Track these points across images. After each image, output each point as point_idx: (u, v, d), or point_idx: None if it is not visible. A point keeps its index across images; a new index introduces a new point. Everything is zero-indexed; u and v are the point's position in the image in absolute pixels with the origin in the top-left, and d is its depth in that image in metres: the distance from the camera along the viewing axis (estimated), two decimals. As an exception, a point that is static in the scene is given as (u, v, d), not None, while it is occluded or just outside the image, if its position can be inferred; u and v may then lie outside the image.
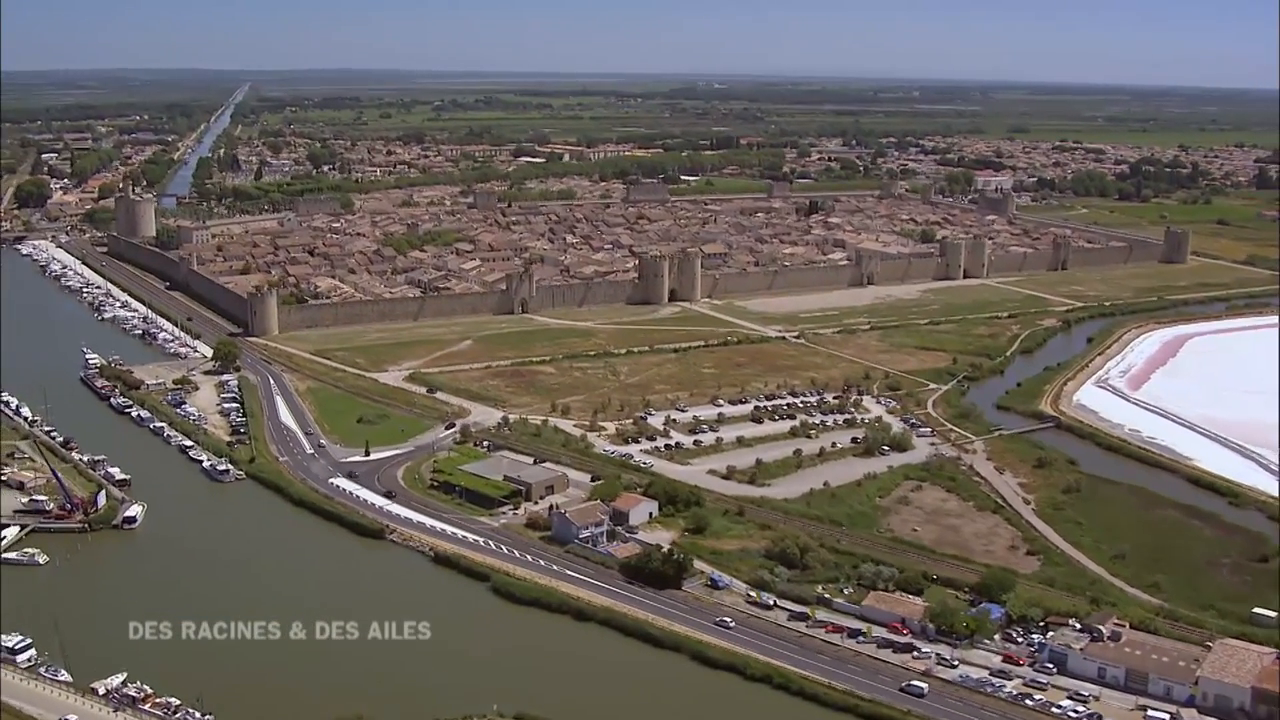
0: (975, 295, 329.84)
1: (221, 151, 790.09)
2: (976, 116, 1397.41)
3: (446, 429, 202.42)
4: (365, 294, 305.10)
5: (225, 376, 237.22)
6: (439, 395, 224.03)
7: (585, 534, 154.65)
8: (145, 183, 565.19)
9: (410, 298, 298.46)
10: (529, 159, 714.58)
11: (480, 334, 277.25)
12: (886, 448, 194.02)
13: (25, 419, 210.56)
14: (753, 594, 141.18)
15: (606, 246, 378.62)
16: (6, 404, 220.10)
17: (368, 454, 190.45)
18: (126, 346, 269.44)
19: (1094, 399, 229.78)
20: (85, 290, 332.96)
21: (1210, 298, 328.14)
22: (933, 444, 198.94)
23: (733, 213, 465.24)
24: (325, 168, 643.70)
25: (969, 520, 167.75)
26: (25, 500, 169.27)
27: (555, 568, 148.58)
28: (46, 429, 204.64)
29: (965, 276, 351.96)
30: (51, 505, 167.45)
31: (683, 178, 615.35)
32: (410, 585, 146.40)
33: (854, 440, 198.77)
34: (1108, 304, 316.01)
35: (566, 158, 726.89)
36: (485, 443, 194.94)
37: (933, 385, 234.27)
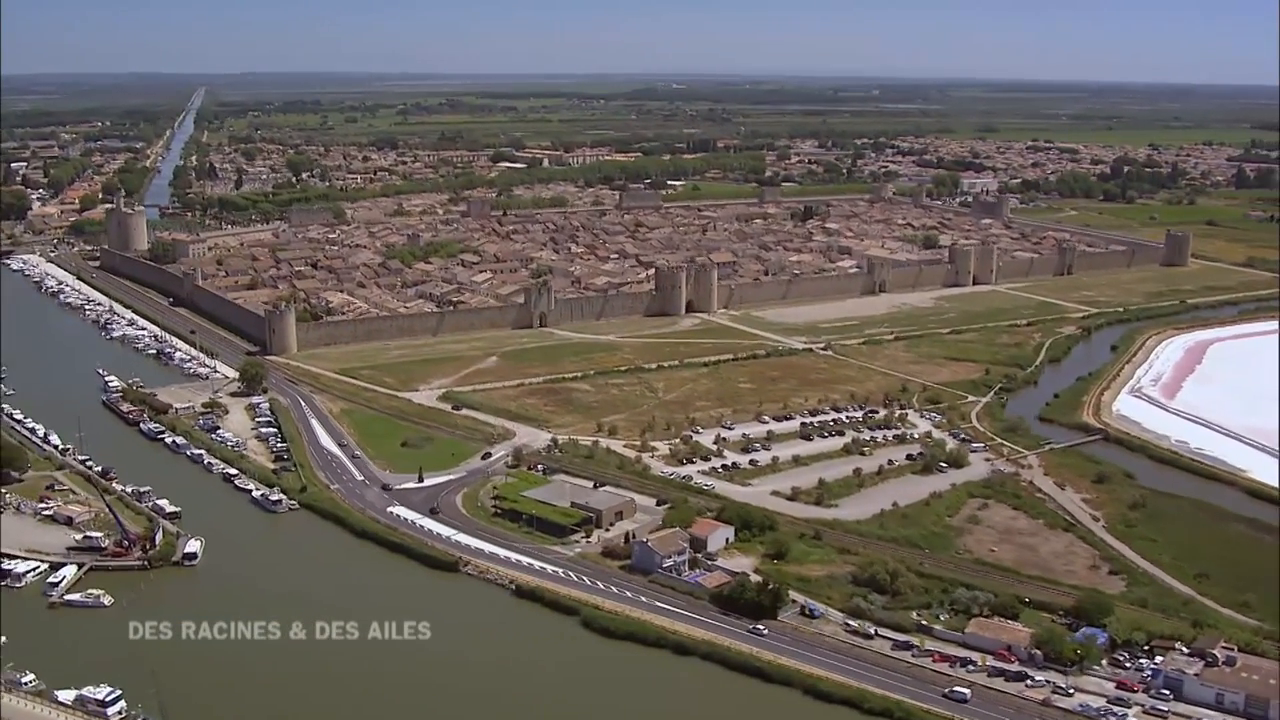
0: (989, 302, 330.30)
1: (194, 159, 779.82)
2: (943, 116, 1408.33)
3: (482, 458, 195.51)
4: (380, 309, 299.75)
5: (255, 399, 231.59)
6: (478, 415, 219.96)
7: (668, 563, 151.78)
8: (125, 193, 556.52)
9: (429, 313, 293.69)
10: (509, 164, 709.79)
11: (503, 349, 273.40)
12: (944, 465, 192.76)
13: (56, 447, 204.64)
14: (852, 623, 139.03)
15: (613, 256, 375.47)
16: (32, 431, 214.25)
17: (421, 480, 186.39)
18: (142, 367, 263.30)
19: (1132, 409, 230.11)
20: (87, 307, 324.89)
21: (1221, 301, 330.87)
22: (987, 459, 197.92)
23: (728, 219, 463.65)
24: (305, 175, 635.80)
25: (1043, 539, 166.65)
26: (78, 537, 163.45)
27: (643, 599, 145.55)
28: (81, 458, 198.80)
29: (974, 283, 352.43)
30: (107, 542, 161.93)
31: (669, 182, 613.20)
32: (498, 622, 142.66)
33: (909, 457, 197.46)
34: (1122, 310, 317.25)
35: (546, 162, 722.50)
36: (540, 466, 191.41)
37: (971, 398, 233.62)
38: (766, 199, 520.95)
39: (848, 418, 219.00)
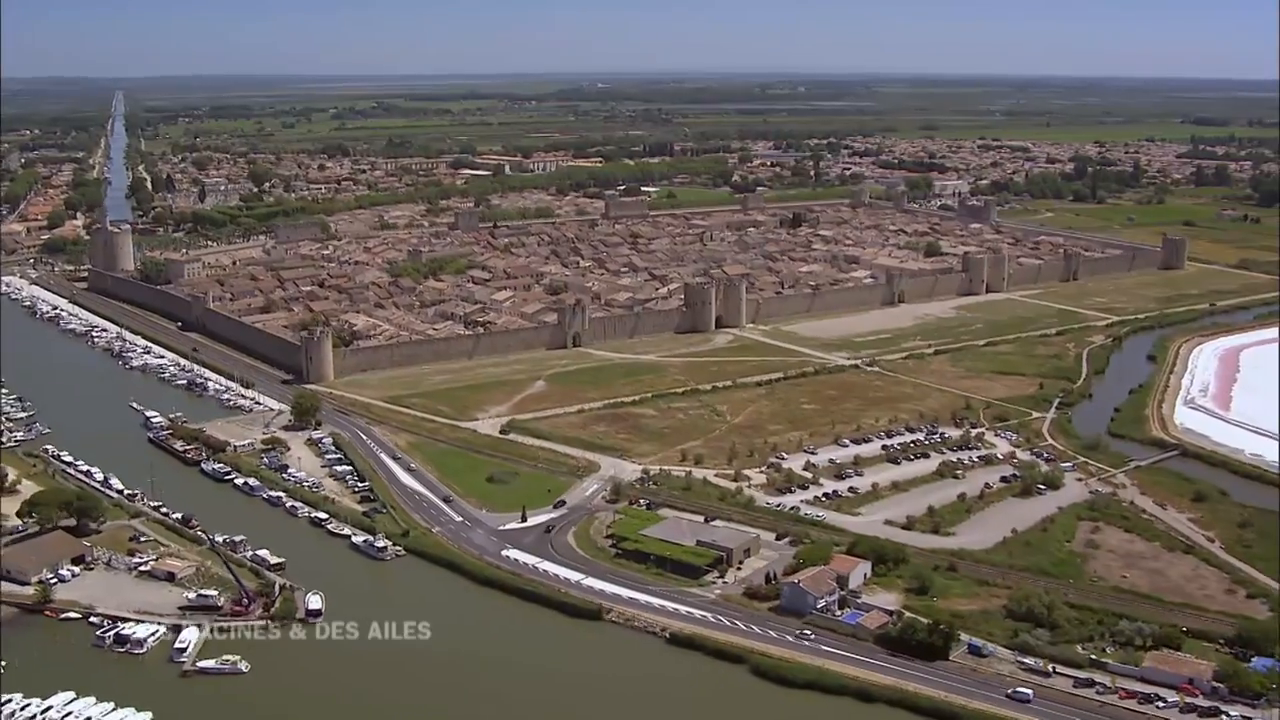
0: (1009, 311, 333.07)
1: (141, 168, 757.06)
2: (880, 113, 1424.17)
3: (554, 506, 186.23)
4: (408, 332, 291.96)
5: (314, 433, 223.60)
6: (553, 446, 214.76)
7: (821, 604, 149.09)
8: (86, 207, 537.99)
9: (464, 335, 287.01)
10: (471, 171, 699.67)
11: (547, 372, 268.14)
12: (1042, 487, 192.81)
13: (121, 493, 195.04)
14: (1026, 660, 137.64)
15: (623, 270, 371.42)
16: (87, 474, 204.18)
17: (524, 519, 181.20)
18: (175, 400, 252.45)
19: (1194, 421, 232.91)
20: (94, 335, 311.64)
21: (1234, 306, 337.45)
22: (1079, 479, 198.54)
23: (719, 227, 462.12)
24: (267, 186, 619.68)
25: (1167, 563, 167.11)
26: (190, 595, 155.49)
27: (806, 644, 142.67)
28: (153, 504, 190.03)
29: (987, 291, 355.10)
30: (222, 600, 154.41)
31: (643, 189, 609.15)
32: (664, 675, 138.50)
33: (1004, 479, 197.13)
34: (1143, 317, 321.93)
35: (508, 169, 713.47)
36: (642, 500, 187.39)
37: (1035, 413, 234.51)
38: (750, 206, 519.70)
39: (926, 439, 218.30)
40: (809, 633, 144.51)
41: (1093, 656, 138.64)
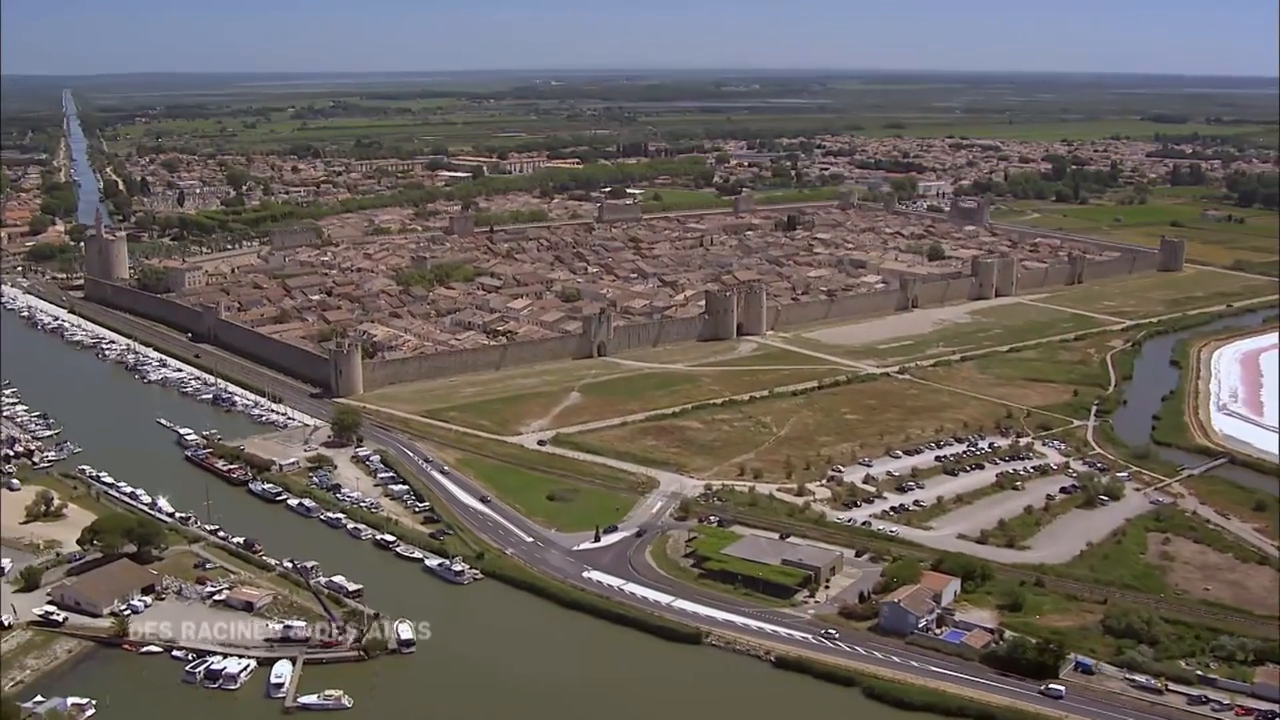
0: (1023, 316, 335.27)
1: (109, 170, 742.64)
2: (841, 111, 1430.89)
3: (606, 532, 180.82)
4: (430, 343, 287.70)
5: (360, 451, 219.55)
6: (606, 461, 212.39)
7: (922, 623, 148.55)
8: (64, 211, 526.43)
9: (491, 346, 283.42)
10: (449, 173, 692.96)
11: (580, 383, 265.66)
12: (1104, 498, 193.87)
13: (172, 516, 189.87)
14: (1136, 678, 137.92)
15: (632, 276, 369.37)
16: (132, 496, 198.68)
17: (598, 539, 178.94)
18: (203, 416, 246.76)
19: (1231, 427, 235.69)
20: (103, 347, 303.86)
21: (1242, 308, 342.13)
22: (1136, 489, 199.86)
23: (716, 231, 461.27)
24: (244, 189, 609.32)
25: (1245, 574, 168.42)
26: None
27: (914, 664, 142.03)
28: (210, 527, 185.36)
29: (996, 295, 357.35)
30: (311, 631, 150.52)
31: (628, 190, 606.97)
32: (778, 700, 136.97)
33: (1064, 490, 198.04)
34: (1155, 320, 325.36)
35: (487, 171, 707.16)
36: (712, 518, 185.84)
37: (1076, 421, 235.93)
38: (742, 208, 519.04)
39: (976, 449, 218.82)
40: (915, 653, 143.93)
41: (1199, 672, 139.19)
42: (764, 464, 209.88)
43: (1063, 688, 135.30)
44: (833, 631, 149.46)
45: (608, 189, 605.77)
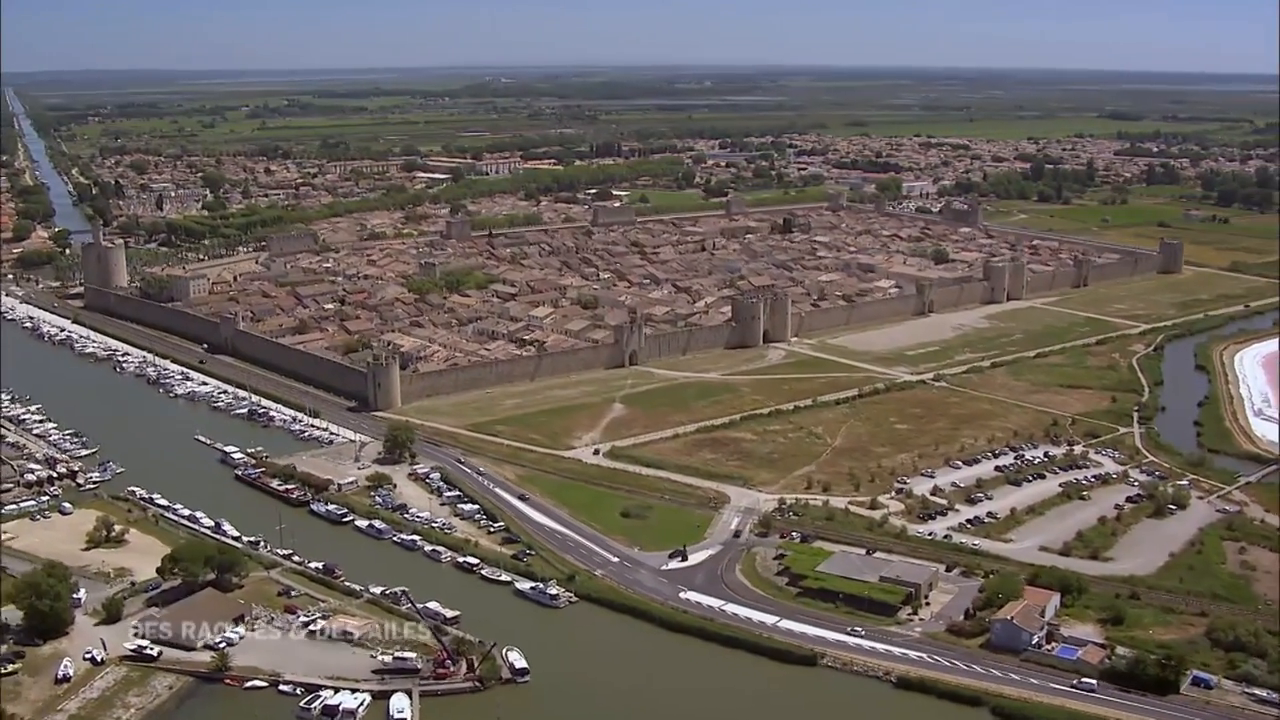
0: (1039, 320, 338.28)
1: (76, 171, 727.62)
2: (802, 109, 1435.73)
3: (671, 557, 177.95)
4: (462, 353, 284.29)
5: (417, 468, 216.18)
6: (670, 475, 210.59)
7: (1035, 639, 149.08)
8: (42, 216, 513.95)
9: (525, 356, 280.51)
10: (427, 174, 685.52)
11: (619, 394, 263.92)
12: (1173, 507, 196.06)
13: (238, 539, 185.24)
14: (1256, 691, 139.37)
15: (645, 282, 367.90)
16: (192, 519, 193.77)
17: (685, 558, 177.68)
18: (240, 432, 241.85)
19: (1271, 432, 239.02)
20: (118, 360, 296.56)
21: (1251, 311, 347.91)
22: (1199, 497, 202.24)
23: (714, 234, 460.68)
24: (222, 191, 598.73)
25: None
26: (386, 658, 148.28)
27: (1034, 681, 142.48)
28: (282, 552, 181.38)
29: (1008, 299, 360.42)
30: (420, 662, 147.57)
31: (614, 192, 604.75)
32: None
33: (1130, 499, 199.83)
34: (1170, 324, 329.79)
35: (463, 173, 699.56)
36: (794, 534, 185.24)
37: (1121, 429, 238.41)
38: (734, 211, 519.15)
39: (1031, 458, 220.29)
40: (1033, 670, 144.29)
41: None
42: (828, 476, 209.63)
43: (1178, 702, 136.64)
44: (946, 649, 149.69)
45: (593, 191, 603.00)
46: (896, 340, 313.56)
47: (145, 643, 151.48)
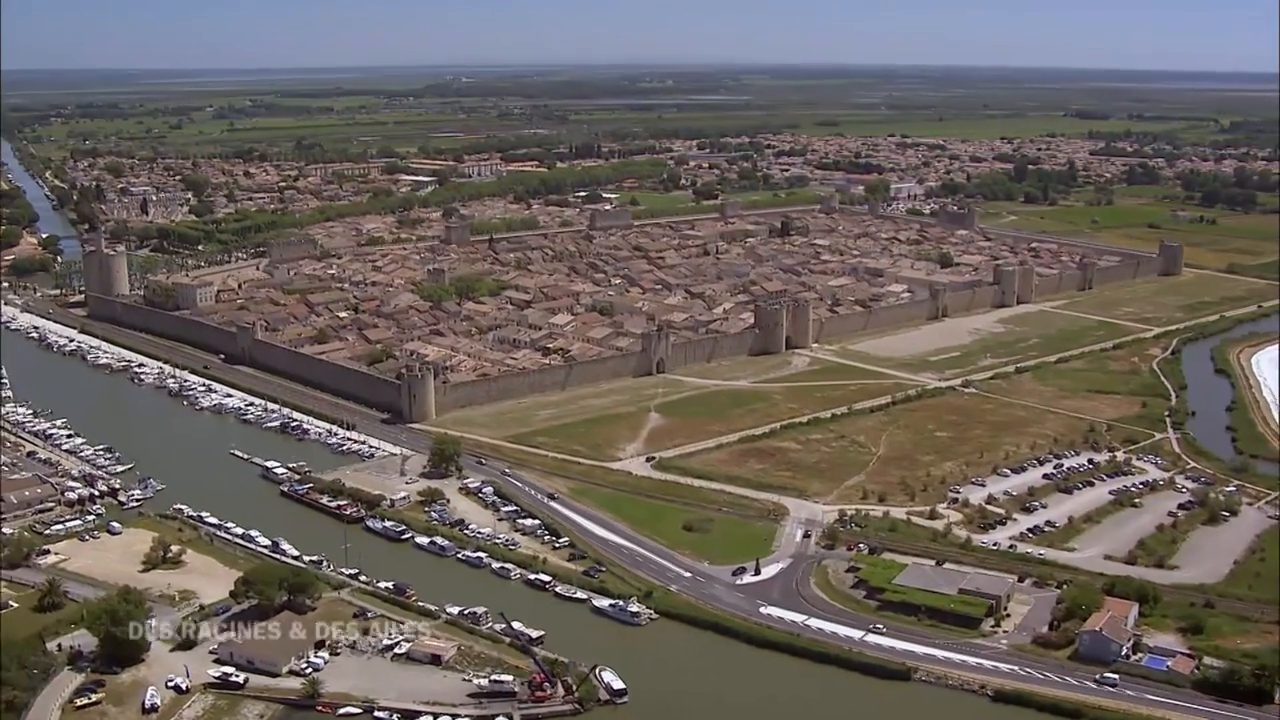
0: (1052, 324, 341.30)
1: (49, 175, 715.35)
2: (770, 109, 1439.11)
3: (736, 574, 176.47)
4: (489, 363, 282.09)
5: (468, 482, 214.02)
6: (723, 487, 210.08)
7: (1124, 650, 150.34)
8: (26, 222, 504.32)
9: (555, 366, 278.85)
10: (410, 177, 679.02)
11: (653, 403, 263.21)
12: (1226, 513, 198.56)
13: (299, 559, 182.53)
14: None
15: (658, 288, 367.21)
16: (245, 537, 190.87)
17: (758, 572, 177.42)
18: (274, 445, 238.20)
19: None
20: (135, 371, 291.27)
21: (1258, 313, 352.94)
22: (1248, 503, 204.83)
23: (713, 238, 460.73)
24: (205, 195, 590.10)
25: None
26: (483, 681, 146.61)
27: (1129, 693, 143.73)
28: (347, 571, 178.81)
29: (1018, 303, 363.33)
30: (517, 685, 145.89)
31: (604, 195, 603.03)
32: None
33: (1183, 506, 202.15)
34: (1182, 327, 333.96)
35: (446, 175, 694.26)
36: (861, 545, 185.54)
37: (1157, 434, 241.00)
38: (729, 214, 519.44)
39: (1078, 465, 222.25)
40: (1126, 682, 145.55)
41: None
42: (880, 486, 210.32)
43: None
44: (1035, 662, 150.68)
45: (583, 194, 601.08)
46: (916, 345, 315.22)
47: (230, 669, 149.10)
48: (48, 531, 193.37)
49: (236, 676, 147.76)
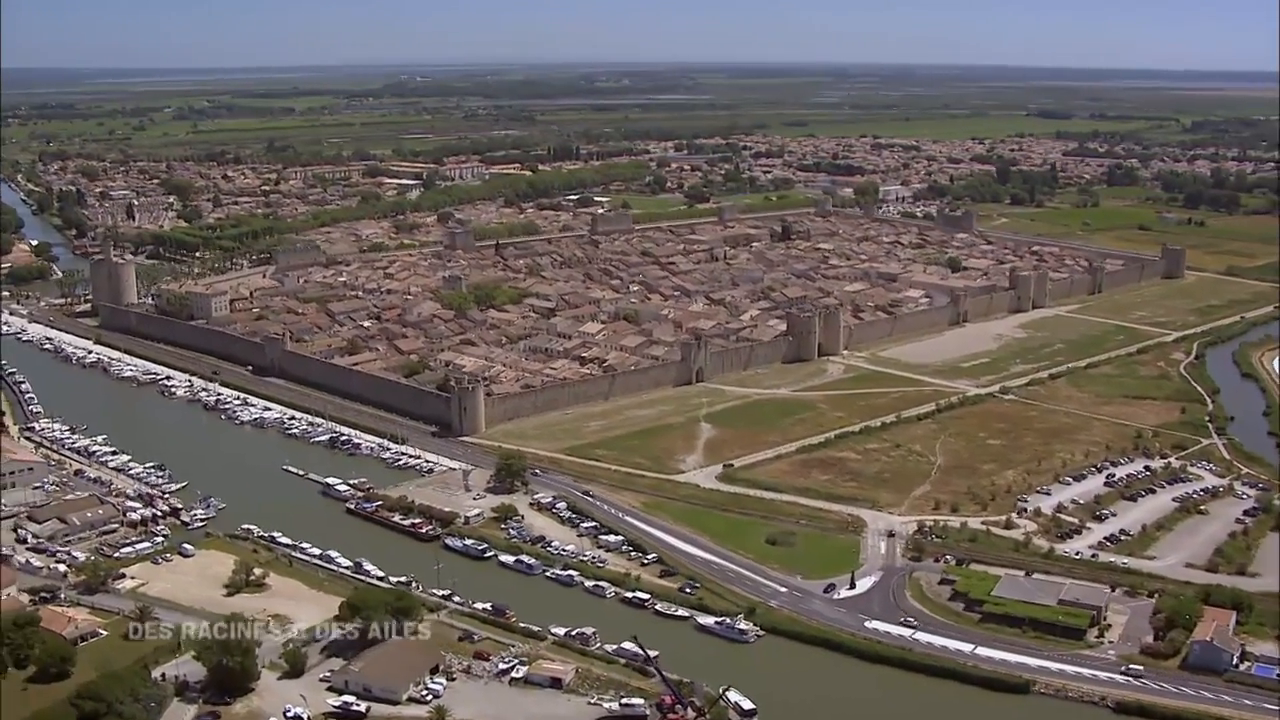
0: (1071, 329, 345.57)
1: (21, 179, 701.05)
2: (733, 108, 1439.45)
3: (816, 591, 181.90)
4: (529, 374, 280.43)
5: (538, 497, 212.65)
6: (794, 500, 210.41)
7: (1234, 659, 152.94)
8: (12, 228, 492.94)
9: (599, 377, 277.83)
10: (396, 180, 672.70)
11: (701, 412, 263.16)
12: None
13: (384, 579, 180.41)
14: None
15: (677, 294, 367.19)
16: (324, 558, 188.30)
17: (853, 585, 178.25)
18: (326, 461, 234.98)
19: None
20: (165, 384, 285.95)
21: (1269, 315, 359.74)
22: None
23: (717, 242, 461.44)
24: (191, 200, 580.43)
25: None
26: (614, 705, 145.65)
27: (1247, 702, 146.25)
28: (439, 592, 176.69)
29: (1034, 307, 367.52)
30: (648, 709, 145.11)
31: (595, 198, 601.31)
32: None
33: (1248, 513, 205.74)
34: (1199, 330, 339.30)
35: (428, 178, 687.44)
36: (948, 556, 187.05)
37: (1204, 441, 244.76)
38: (728, 217, 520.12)
39: (1135, 472, 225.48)
40: (1242, 691, 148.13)
41: None
42: (949, 496, 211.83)
43: None
44: (1147, 672, 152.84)
45: (574, 197, 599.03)
46: (944, 351, 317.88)
47: (350, 698, 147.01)
48: (117, 554, 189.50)
49: (358, 705, 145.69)
